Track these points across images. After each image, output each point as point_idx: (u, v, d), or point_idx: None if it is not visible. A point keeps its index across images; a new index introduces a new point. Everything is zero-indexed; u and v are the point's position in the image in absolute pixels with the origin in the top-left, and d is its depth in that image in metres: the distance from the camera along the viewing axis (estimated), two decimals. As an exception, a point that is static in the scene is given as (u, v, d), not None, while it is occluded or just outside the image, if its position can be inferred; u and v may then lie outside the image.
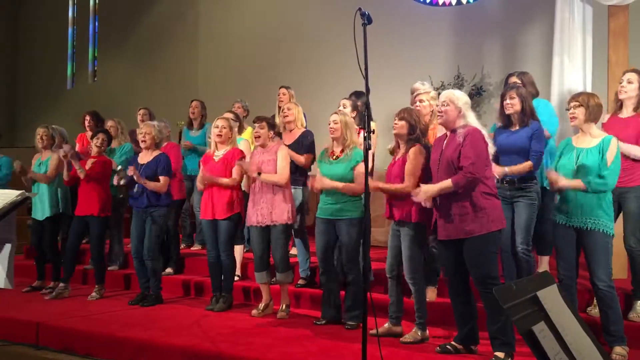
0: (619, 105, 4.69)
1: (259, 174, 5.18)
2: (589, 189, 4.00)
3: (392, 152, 4.82)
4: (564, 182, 4.04)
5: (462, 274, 4.10)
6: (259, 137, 5.31)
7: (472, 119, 4.11)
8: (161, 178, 5.82)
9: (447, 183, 3.97)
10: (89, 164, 6.18)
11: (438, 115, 4.18)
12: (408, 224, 4.43)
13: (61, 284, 6.26)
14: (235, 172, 5.48)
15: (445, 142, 4.15)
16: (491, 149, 4.09)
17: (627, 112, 4.65)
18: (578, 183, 4.02)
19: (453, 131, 4.10)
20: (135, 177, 5.65)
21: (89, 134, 7.20)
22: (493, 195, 4.00)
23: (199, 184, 5.63)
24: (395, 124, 4.54)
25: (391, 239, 4.61)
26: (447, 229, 4.06)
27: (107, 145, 6.40)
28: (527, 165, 4.45)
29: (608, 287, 4.02)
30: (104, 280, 6.31)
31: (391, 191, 4.49)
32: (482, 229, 3.92)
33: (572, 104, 4.19)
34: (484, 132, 4.08)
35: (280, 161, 5.21)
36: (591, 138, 4.13)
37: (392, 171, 4.57)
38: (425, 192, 4.04)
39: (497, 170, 4.37)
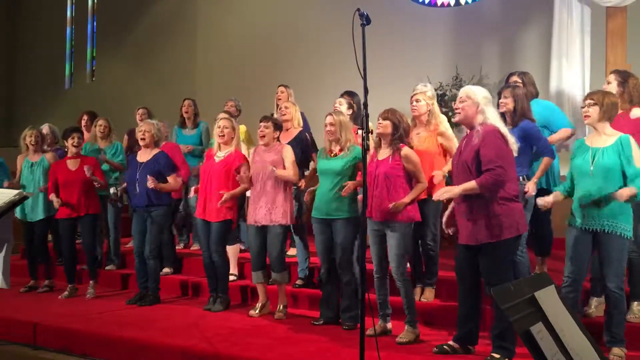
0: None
1: (273, 169, 5.12)
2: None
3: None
4: (627, 192, 3.77)
5: (474, 278, 4.05)
6: (264, 136, 5.29)
7: (491, 115, 3.97)
8: (169, 178, 5.81)
9: (472, 184, 3.86)
10: (73, 164, 6.17)
11: (456, 113, 4.08)
12: (394, 224, 4.44)
13: (69, 286, 6.31)
14: (240, 182, 5.44)
15: (464, 142, 4.06)
16: (514, 147, 3.97)
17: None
18: (632, 191, 3.78)
19: (472, 129, 4.00)
20: (156, 188, 5.63)
21: (87, 133, 7.20)
22: (510, 200, 3.88)
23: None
24: (380, 123, 4.55)
25: (374, 240, 4.59)
26: (463, 234, 4.02)
27: (82, 143, 6.39)
28: (545, 163, 4.54)
29: (619, 289, 3.95)
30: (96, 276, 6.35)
31: (414, 198, 4.48)
32: (494, 237, 3.85)
33: (586, 102, 4.07)
34: (504, 129, 3.96)
35: (288, 160, 5.22)
36: (606, 137, 4.01)
37: (378, 172, 4.51)
38: (448, 191, 3.97)
39: (531, 186, 4.43)
